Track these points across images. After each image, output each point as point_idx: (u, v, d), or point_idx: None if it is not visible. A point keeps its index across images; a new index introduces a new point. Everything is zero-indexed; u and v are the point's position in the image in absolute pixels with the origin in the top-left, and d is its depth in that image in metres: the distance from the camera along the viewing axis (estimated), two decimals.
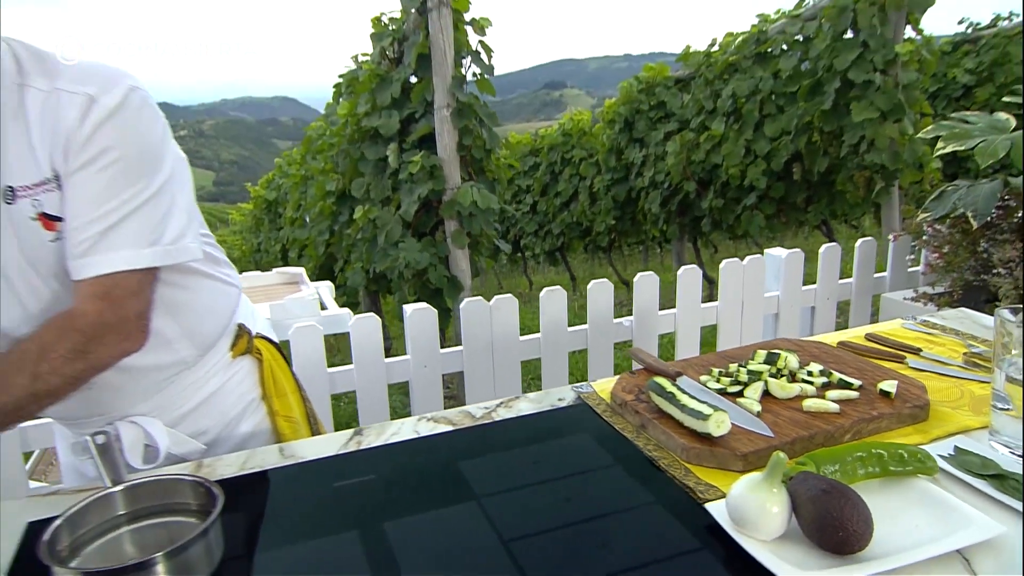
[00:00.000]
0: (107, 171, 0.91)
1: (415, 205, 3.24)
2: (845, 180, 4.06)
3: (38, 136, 0.90)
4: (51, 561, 0.73)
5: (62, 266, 0.94)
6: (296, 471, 1.04)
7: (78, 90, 0.90)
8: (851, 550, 0.76)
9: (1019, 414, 0.94)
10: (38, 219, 0.92)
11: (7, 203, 0.91)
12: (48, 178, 0.92)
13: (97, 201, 0.91)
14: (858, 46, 3.75)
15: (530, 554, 0.82)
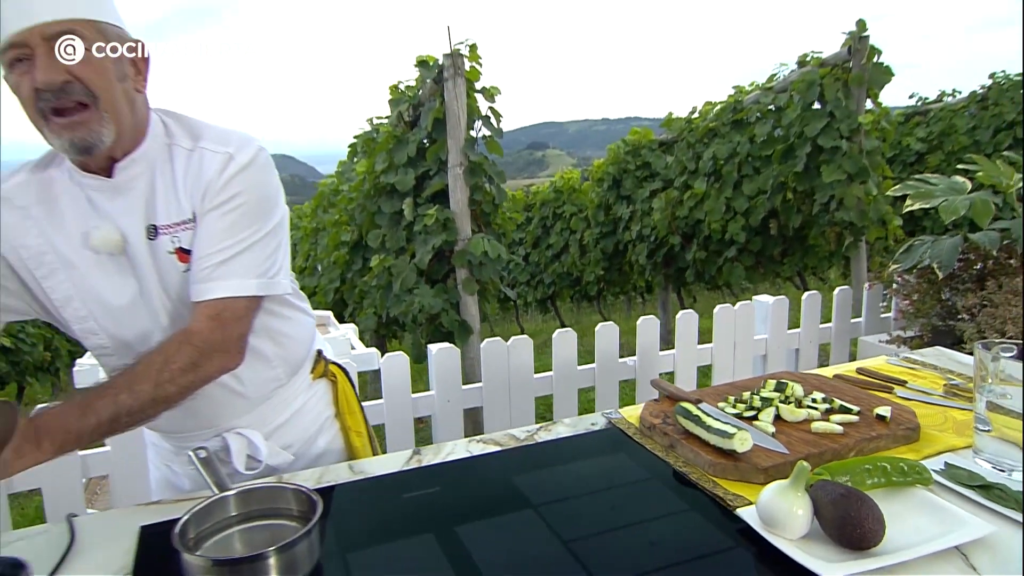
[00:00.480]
0: (232, 213, 1.04)
1: (429, 254, 3.34)
2: (817, 235, 4.23)
3: (182, 184, 1.04)
4: (182, 548, 0.80)
5: (183, 296, 1.05)
6: (367, 485, 1.10)
7: (219, 149, 1.04)
8: (867, 546, 0.83)
9: (1000, 435, 1.04)
10: (175, 253, 1.04)
11: (149, 239, 1.03)
12: (188, 219, 1.04)
13: (220, 237, 1.03)
14: (825, 116, 3.96)
15: (590, 553, 0.90)
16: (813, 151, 4.03)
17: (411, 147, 3.57)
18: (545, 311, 8.61)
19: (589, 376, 2.37)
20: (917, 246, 2.30)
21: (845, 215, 3.82)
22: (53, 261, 1.04)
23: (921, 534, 0.87)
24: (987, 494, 0.95)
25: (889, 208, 3.75)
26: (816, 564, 0.81)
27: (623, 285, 6.91)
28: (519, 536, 0.95)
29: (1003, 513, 0.91)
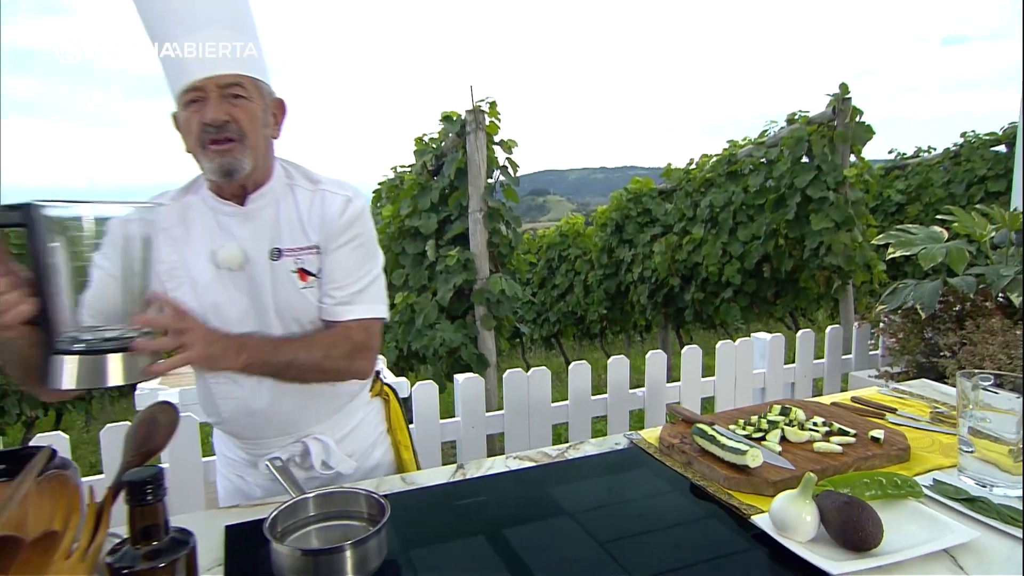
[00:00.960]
0: (359, 249, 1.22)
1: (450, 292, 3.45)
2: (808, 278, 4.33)
3: (307, 216, 1.20)
4: (272, 538, 0.88)
5: (301, 307, 1.20)
6: (420, 494, 1.18)
7: (339, 192, 1.22)
8: (868, 547, 0.90)
9: (981, 455, 1.12)
10: (296, 272, 1.18)
11: (272, 260, 1.18)
12: (312, 246, 1.20)
13: (352, 269, 1.21)
14: (813, 169, 4.10)
15: (623, 553, 0.97)
16: (803, 201, 4.16)
17: (434, 193, 3.71)
18: (549, 347, 8.66)
19: (601, 405, 2.45)
20: (901, 289, 2.40)
21: (833, 260, 3.94)
22: (182, 275, 1.17)
23: (914, 539, 0.94)
24: (971, 506, 1.03)
25: (873, 254, 3.86)
26: (824, 563, 0.88)
27: (624, 324, 6.98)
28: (559, 538, 1.03)
29: (986, 522, 0.98)
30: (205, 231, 1.18)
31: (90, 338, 0.91)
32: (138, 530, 0.57)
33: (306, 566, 0.88)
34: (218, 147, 1.09)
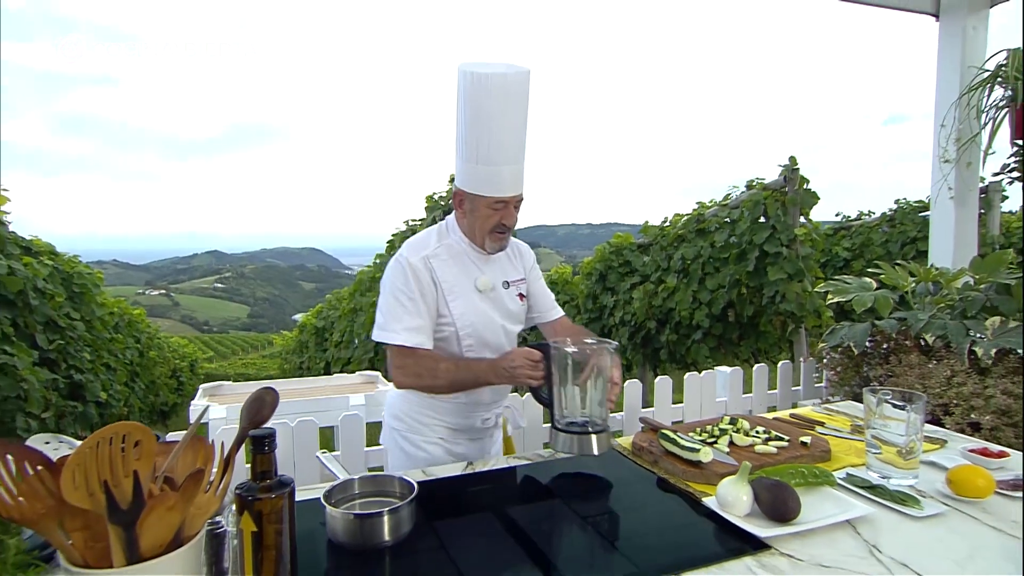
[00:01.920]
0: (541, 277, 1.81)
1: None
2: (766, 323, 4.54)
3: (516, 258, 1.73)
4: (328, 504, 1.04)
5: (518, 316, 1.69)
6: (439, 483, 1.33)
7: (523, 243, 1.78)
8: (789, 518, 1.07)
9: (882, 456, 1.29)
10: (517, 296, 1.68)
11: (504, 288, 1.65)
12: (522, 277, 1.72)
13: (545, 290, 1.79)
14: (769, 228, 4.36)
15: (604, 527, 1.14)
16: (760, 255, 4.40)
17: None
18: None
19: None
20: (838, 330, 2.60)
21: (787, 306, 4.15)
22: (457, 291, 1.56)
23: (825, 512, 1.11)
24: (872, 492, 1.20)
25: (821, 301, 4.08)
26: (756, 530, 1.05)
27: None
28: (550, 515, 1.20)
29: (880, 503, 1.16)
30: (465, 264, 1.59)
31: (575, 422, 1.37)
32: (258, 472, 0.75)
33: (353, 527, 1.04)
34: (502, 237, 1.57)
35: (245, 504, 0.72)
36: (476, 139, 1.45)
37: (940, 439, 1.50)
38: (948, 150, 2.66)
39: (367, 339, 5.00)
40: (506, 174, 1.47)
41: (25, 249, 3.58)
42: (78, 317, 3.98)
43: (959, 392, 2.02)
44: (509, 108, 1.43)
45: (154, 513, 0.65)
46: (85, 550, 0.66)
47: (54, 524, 0.64)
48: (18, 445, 0.61)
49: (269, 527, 0.73)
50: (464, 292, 1.57)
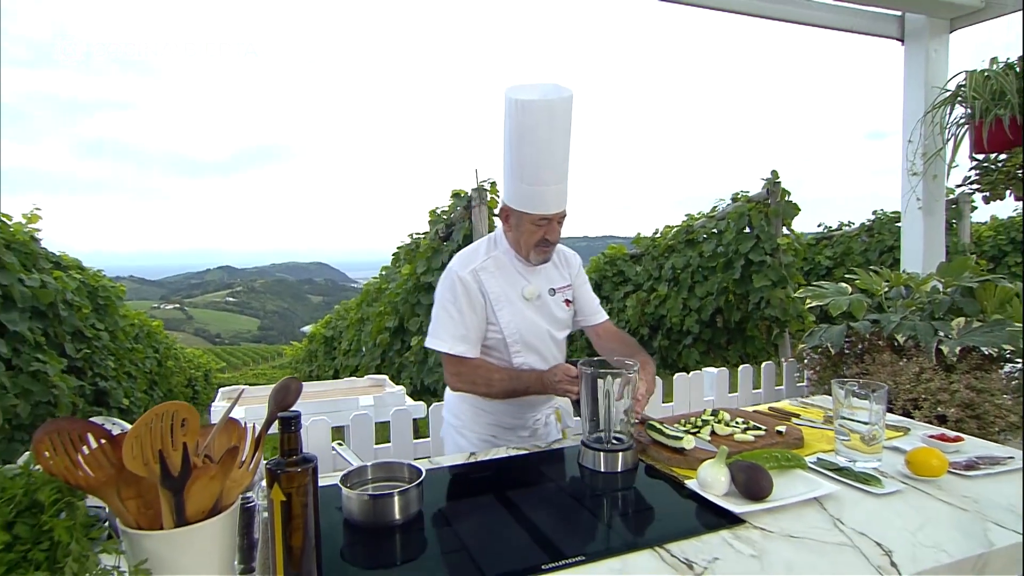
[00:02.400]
0: (587, 283, 1.83)
1: None
2: (753, 327, 4.62)
3: (562, 266, 1.76)
4: (344, 487, 1.11)
5: (564, 322, 1.74)
6: (444, 471, 1.40)
7: (571, 251, 1.82)
8: (762, 497, 1.13)
9: (850, 443, 1.36)
10: (563, 302, 1.73)
11: (550, 295, 1.70)
12: (568, 284, 1.75)
13: (591, 294, 1.81)
14: (753, 238, 4.46)
15: (597, 506, 1.21)
16: (746, 264, 4.49)
17: (445, 255, 4.01)
18: None
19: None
20: (817, 331, 2.67)
21: (771, 312, 4.24)
22: (504, 300, 1.63)
23: (795, 491, 1.18)
24: (839, 473, 1.27)
25: (803, 306, 4.16)
26: (732, 507, 1.11)
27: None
28: (548, 496, 1.26)
29: (845, 483, 1.22)
30: (512, 275, 1.66)
31: (601, 438, 1.39)
32: (286, 449, 0.81)
33: (367, 506, 1.11)
34: (546, 251, 1.63)
35: (275, 477, 0.79)
36: (521, 160, 1.51)
37: (904, 427, 1.57)
38: (916, 164, 2.75)
39: (374, 347, 5.07)
40: (549, 193, 1.53)
41: (55, 264, 3.66)
42: (103, 328, 4.05)
43: (927, 387, 2.08)
44: (552, 132, 1.48)
45: (199, 481, 0.72)
46: (138, 515, 0.73)
47: (113, 491, 0.71)
48: (84, 421, 0.68)
49: (296, 497, 0.80)
50: (511, 301, 1.63)
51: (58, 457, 0.67)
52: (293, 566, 0.81)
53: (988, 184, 2.31)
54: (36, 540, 0.63)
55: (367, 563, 1.01)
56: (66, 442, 0.67)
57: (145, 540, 0.70)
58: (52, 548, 0.63)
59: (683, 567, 0.95)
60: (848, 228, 5.89)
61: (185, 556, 0.72)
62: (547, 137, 1.48)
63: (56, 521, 0.63)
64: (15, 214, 3.33)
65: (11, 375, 2.70)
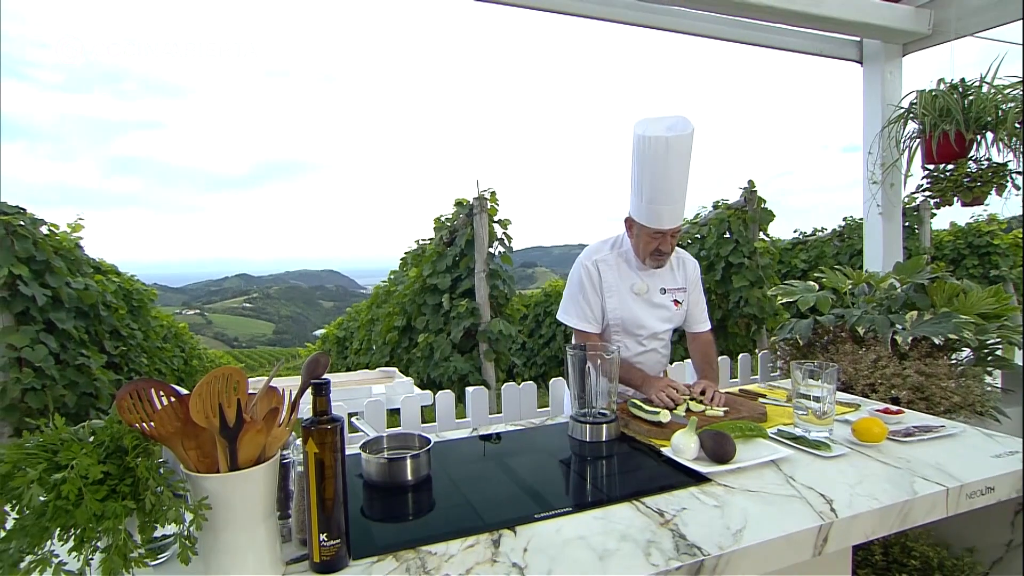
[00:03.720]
0: (700, 291, 1.91)
1: (461, 333, 3.78)
2: (733, 324, 4.71)
3: (678, 270, 1.86)
4: (363, 451, 1.21)
5: (668, 318, 1.84)
6: (450, 442, 1.50)
7: (690, 258, 1.91)
8: (726, 460, 1.23)
9: (806, 417, 1.45)
10: (672, 302, 1.84)
11: (661, 293, 1.83)
12: (682, 287, 1.85)
13: (702, 304, 1.91)
14: (733, 242, 4.56)
15: (585, 469, 1.30)
16: (726, 266, 4.59)
17: (449, 259, 4.11)
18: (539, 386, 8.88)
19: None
20: (787, 325, 2.76)
21: (750, 310, 4.33)
22: (614, 291, 1.78)
23: (755, 455, 1.27)
24: (795, 441, 1.36)
25: (777, 303, 4.25)
26: (700, 469, 1.21)
27: None
28: (541, 462, 1.35)
29: (799, 448, 1.32)
30: (627, 272, 1.80)
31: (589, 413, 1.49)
32: (318, 411, 0.91)
33: (384, 468, 1.21)
34: (659, 258, 1.76)
35: (309, 433, 0.89)
36: (642, 183, 1.65)
37: (856, 403, 1.67)
38: (875, 173, 2.86)
39: (383, 345, 5.17)
40: (665, 212, 1.66)
41: (95, 269, 3.76)
42: (136, 328, 4.15)
43: (883, 373, 2.18)
44: (671, 161, 1.60)
45: (248, 433, 0.82)
46: (198, 463, 0.83)
47: (178, 441, 0.80)
48: (157, 382, 0.78)
49: (327, 452, 0.90)
50: (619, 292, 1.79)
51: (136, 413, 0.77)
52: (325, 511, 0.91)
53: (938, 191, 2.41)
54: (122, 476, 0.73)
55: (384, 517, 1.11)
56: (144, 399, 0.77)
57: (205, 482, 0.80)
58: (135, 483, 0.73)
59: (655, 515, 1.05)
60: (821, 233, 6.00)
61: (236, 496, 0.82)
62: (665, 166, 1.61)
63: (139, 461, 0.73)
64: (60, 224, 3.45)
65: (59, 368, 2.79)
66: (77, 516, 0.66)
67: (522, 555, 0.93)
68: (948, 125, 2.27)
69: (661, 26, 2.60)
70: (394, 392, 2.64)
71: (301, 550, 0.96)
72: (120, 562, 0.69)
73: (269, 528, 0.88)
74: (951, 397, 1.95)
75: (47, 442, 0.74)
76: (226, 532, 0.83)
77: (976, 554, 1.32)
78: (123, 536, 0.70)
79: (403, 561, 0.92)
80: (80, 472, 0.67)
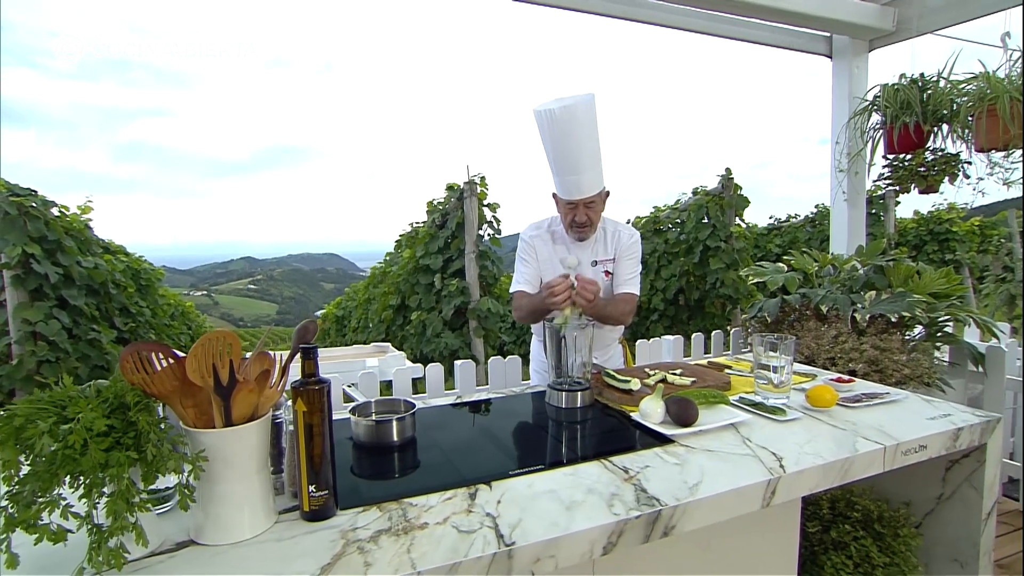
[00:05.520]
0: (632, 259, 1.84)
1: (451, 310, 3.80)
2: (711, 304, 4.77)
3: (611, 242, 1.83)
4: (352, 415, 1.24)
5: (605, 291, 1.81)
6: (435, 408, 1.53)
7: (627, 231, 1.86)
8: (690, 423, 1.27)
9: (765, 385, 1.49)
10: (603, 273, 1.82)
11: (592, 265, 1.82)
12: (611, 258, 1.83)
13: (630, 268, 1.84)
14: (710, 227, 4.59)
15: (565, 429, 1.34)
16: (704, 249, 4.63)
17: (440, 241, 4.11)
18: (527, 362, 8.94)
19: None
20: (757, 304, 2.81)
21: (726, 291, 4.38)
22: (546, 263, 1.82)
23: (717, 419, 1.31)
24: (754, 407, 1.40)
25: (750, 284, 4.30)
26: (666, 431, 1.25)
27: None
28: (521, 425, 1.39)
29: (758, 413, 1.36)
30: (561, 246, 1.82)
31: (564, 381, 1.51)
32: (306, 373, 0.94)
33: (371, 430, 1.24)
34: (580, 231, 1.75)
35: (298, 392, 0.91)
36: (553, 156, 1.66)
37: (813, 374, 1.71)
38: (842, 162, 2.88)
39: (379, 323, 5.19)
40: (572, 183, 1.66)
41: (104, 248, 3.74)
42: (144, 305, 4.14)
43: (842, 348, 2.23)
44: (568, 132, 1.59)
45: (241, 392, 0.84)
46: (196, 419, 0.85)
47: (177, 399, 0.83)
48: (158, 344, 0.80)
49: (315, 411, 0.93)
50: (552, 265, 1.82)
51: (137, 373, 0.79)
52: (313, 465, 0.94)
53: (898, 179, 2.44)
54: (125, 430, 0.75)
55: (372, 475, 1.14)
56: (145, 360, 0.79)
57: (202, 436, 0.83)
58: (137, 436, 0.76)
59: (620, 472, 1.09)
60: (795, 220, 6.04)
61: (231, 450, 0.85)
62: (563, 138, 1.60)
63: (140, 415, 0.75)
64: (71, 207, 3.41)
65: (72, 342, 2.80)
66: (83, 463, 0.69)
67: (495, 506, 0.96)
68: (908, 117, 2.30)
69: (640, 18, 2.58)
70: (387, 365, 2.67)
71: (293, 502, 0.99)
72: (124, 506, 0.72)
73: (263, 481, 0.91)
74: (902, 370, 2.01)
75: (56, 398, 0.76)
76: (222, 483, 0.86)
77: (911, 507, 1.38)
78: (126, 483, 0.72)
79: (386, 511, 0.96)
80: (85, 424, 0.70)
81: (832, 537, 1.37)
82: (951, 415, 1.31)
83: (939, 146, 2.36)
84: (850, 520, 1.38)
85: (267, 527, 0.91)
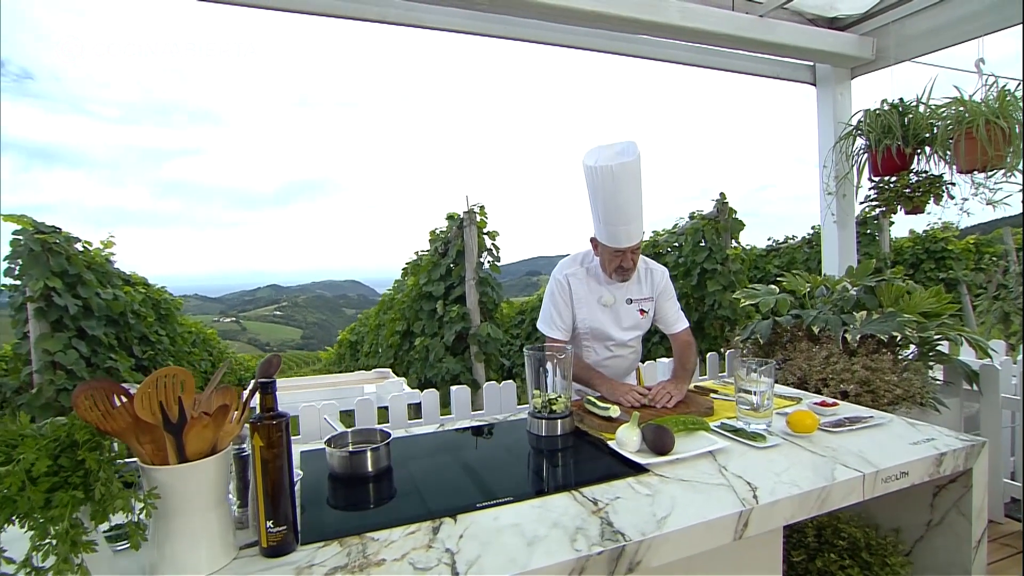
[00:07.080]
0: (672, 297, 1.86)
1: (453, 336, 3.77)
2: (709, 325, 4.67)
3: (646, 281, 1.83)
4: (328, 446, 1.20)
5: (635, 326, 1.82)
6: (417, 437, 1.49)
7: (659, 268, 1.87)
8: (666, 451, 1.21)
9: (747, 410, 1.43)
10: (638, 311, 1.81)
11: (627, 303, 1.80)
12: (648, 297, 1.82)
13: (674, 308, 1.86)
14: (707, 249, 4.53)
15: (541, 459, 1.29)
16: (701, 272, 4.56)
17: (443, 268, 4.11)
18: None
19: None
20: (750, 325, 2.73)
21: (723, 312, 4.29)
22: (583, 302, 1.79)
23: (694, 446, 1.25)
24: (735, 433, 1.34)
25: (749, 307, 4.21)
26: (641, 460, 1.19)
27: None
28: (503, 452, 1.34)
29: (738, 440, 1.30)
30: (596, 285, 1.79)
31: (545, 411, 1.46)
32: (264, 407, 0.91)
33: (346, 461, 1.20)
34: (623, 273, 1.74)
35: (255, 427, 0.89)
36: (598, 207, 1.66)
37: (797, 397, 1.64)
38: (830, 185, 2.83)
39: (387, 348, 5.17)
40: (622, 232, 1.65)
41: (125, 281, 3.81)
42: (164, 334, 4.18)
43: (833, 368, 2.14)
44: (620, 186, 1.60)
45: (194, 429, 0.82)
46: (152, 455, 0.83)
47: (133, 436, 0.80)
48: (112, 383, 0.78)
49: (272, 446, 0.89)
50: (588, 304, 1.80)
51: (92, 410, 0.77)
52: (271, 500, 0.90)
53: (884, 200, 2.38)
54: (75, 468, 0.73)
55: (345, 506, 1.10)
56: (100, 398, 0.77)
57: (155, 472, 0.80)
58: (86, 474, 0.73)
59: (590, 504, 1.03)
60: (792, 241, 5.95)
61: (185, 485, 0.82)
62: (616, 190, 1.61)
63: (89, 454, 0.73)
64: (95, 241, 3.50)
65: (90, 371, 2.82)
66: (20, 506, 0.66)
67: (456, 541, 0.92)
68: (890, 140, 2.25)
69: (636, 54, 2.60)
70: (385, 391, 2.63)
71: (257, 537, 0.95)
72: (66, 548, 0.69)
73: (221, 516, 0.87)
74: (893, 390, 1.91)
75: (8, 438, 0.74)
76: (178, 519, 0.82)
77: (901, 533, 1.29)
78: (68, 523, 0.69)
79: (347, 546, 0.91)
80: (24, 466, 0.67)
81: (818, 567, 1.29)
82: (935, 439, 1.23)
83: (923, 168, 2.30)
84: (836, 549, 1.29)
85: (225, 563, 0.87)
